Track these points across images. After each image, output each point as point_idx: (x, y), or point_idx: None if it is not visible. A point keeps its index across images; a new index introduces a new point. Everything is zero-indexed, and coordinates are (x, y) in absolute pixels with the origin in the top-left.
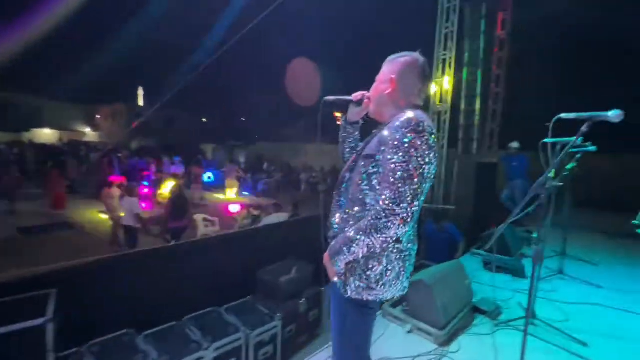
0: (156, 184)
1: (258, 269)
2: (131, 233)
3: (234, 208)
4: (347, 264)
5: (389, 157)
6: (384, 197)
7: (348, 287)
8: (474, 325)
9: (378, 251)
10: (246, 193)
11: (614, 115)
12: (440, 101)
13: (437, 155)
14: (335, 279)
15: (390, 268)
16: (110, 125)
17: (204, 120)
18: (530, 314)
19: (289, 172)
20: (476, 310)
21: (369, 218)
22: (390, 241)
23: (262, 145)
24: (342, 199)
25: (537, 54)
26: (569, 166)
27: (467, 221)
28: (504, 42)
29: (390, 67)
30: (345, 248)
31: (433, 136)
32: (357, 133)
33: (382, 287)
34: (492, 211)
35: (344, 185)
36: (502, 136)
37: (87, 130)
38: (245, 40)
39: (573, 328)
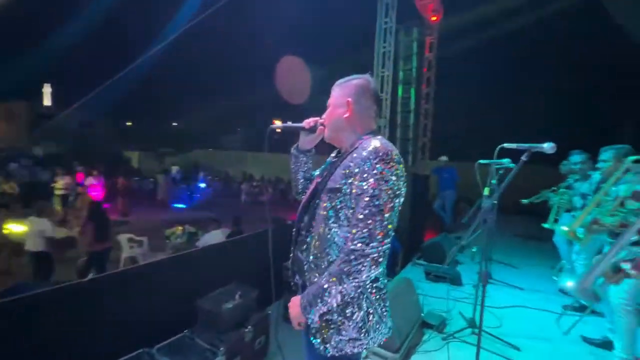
0: (66, 200)
1: (197, 297)
2: (42, 261)
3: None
4: (321, 316)
5: (357, 190)
6: (351, 236)
7: (328, 345)
8: (424, 342)
9: (354, 296)
10: (181, 206)
11: (548, 147)
12: (380, 116)
13: (406, 183)
14: (317, 339)
15: (371, 311)
16: (4, 126)
17: (129, 124)
18: (473, 324)
19: (228, 181)
20: (424, 324)
21: (338, 262)
22: (366, 284)
23: (197, 153)
24: (307, 239)
25: (459, 74)
26: (493, 181)
27: (403, 231)
28: (431, 63)
29: (343, 91)
30: (317, 299)
31: (401, 165)
32: (310, 161)
33: (367, 334)
34: (426, 221)
35: (304, 223)
36: (431, 150)
37: None
38: (179, 41)
39: (506, 333)
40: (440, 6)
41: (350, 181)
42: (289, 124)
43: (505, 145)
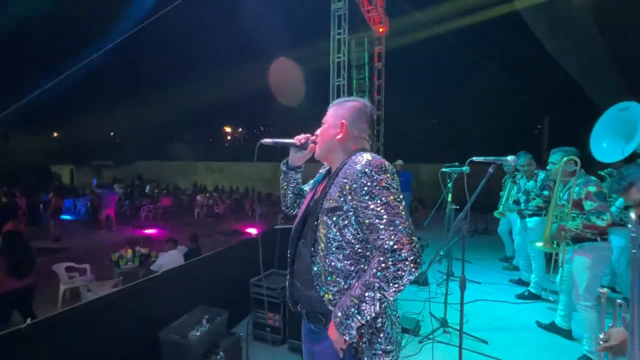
0: None
1: (159, 328)
2: None
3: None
4: (358, 329)
5: (364, 204)
6: (381, 244)
7: None
8: (403, 347)
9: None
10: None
11: (511, 159)
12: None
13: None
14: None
15: (393, 319)
16: None
17: (55, 134)
18: (445, 323)
19: (178, 194)
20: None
21: (373, 271)
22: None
23: (140, 164)
24: (307, 266)
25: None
26: (449, 184)
27: None
28: (380, 71)
29: (339, 111)
30: (353, 309)
31: (395, 175)
32: (299, 177)
33: (395, 343)
34: None
35: (299, 249)
36: (385, 154)
37: None
38: (114, 42)
39: (473, 328)
40: (385, 18)
41: (350, 197)
42: (280, 140)
43: (474, 158)
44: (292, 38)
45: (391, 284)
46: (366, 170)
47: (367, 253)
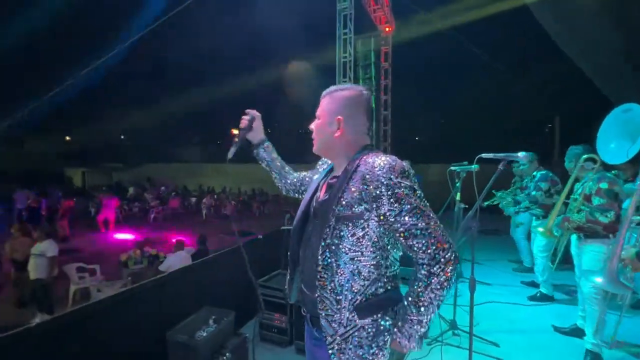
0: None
1: (167, 328)
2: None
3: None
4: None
5: (394, 212)
6: (423, 252)
7: None
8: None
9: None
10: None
11: (522, 155)
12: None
13: None
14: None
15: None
16: None
17: (68, 138)
18: (454, 325)
19: (187, 196)
20: None
21: (423, 280)
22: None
23: (148, 167)
24: (315, 271)
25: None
26: (457, 184)
27: None
28: (387, 71)
29: (333, 105)
30: (417, 326)
31: (414, 175)
32: (274, 153)
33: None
34: None
35: (303, 254)
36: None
37: None
38: (123, 47)
39: (484, 330)
40: (392, 17)
41: (375, 205)
42: (236, 141)
43: (483, 155)
44: (299, 39)
45: (443, 288)
46: (391, 176)
47: (382, 262)
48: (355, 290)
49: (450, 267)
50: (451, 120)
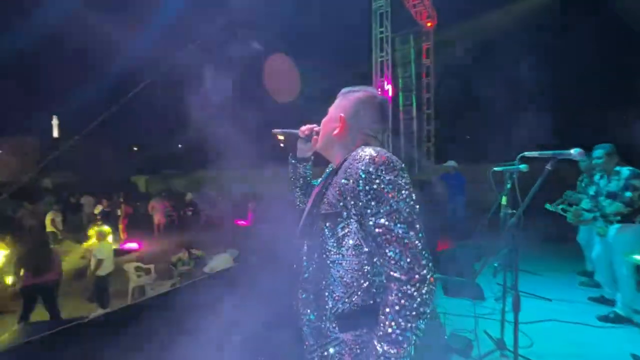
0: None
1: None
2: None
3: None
4: None
5: (370, 211)
6: (395, 263)
7: None
8: None
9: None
10: None
11: (576, 153)
12: (383, 133)
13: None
14: None
15: None
16: (15, 161)
17: (135, 148)
18: (501, 345)
19: (237, 203)
20: (448, 348)
21: (395, 303)
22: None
23: (201, 173)
24: (305, 274)
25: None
26: (508, 185)
27: None
28: (429, 68)
29: (342, 103)
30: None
31: (404, 171)
32: (309, 171)
33: None
34: (436, 229)
35: (302, 256)
36: (435, 154)
37: None
38: (178, 62)
39: (540, 353)
40: (434, 12)
41: (353, 202)
42: (288, 130)
43: (526, 153)
44: (332, 39)
45: (420, 316)
46: (370, 169)
47: (367, 268)
48: (337, 298)
49: (425, 289)
50: (497, 117)
